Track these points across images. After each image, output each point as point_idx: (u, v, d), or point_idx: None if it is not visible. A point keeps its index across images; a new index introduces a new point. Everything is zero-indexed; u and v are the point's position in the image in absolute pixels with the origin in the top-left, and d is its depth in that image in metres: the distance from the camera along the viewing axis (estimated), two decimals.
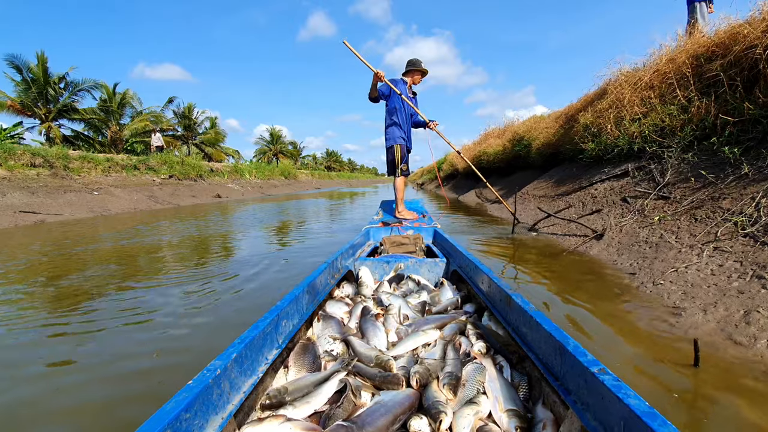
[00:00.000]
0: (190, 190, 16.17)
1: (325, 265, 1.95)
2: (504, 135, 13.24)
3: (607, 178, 4.91)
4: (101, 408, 1.45)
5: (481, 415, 1.07)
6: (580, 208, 4.79)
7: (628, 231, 3.45)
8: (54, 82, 22.39)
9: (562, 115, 8.48)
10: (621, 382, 0.82)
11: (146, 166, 15.69)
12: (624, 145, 4.90)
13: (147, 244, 5.31)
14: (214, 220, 8.58)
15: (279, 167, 30.94)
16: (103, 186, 12.90)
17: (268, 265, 3.70)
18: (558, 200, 5.66)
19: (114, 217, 10.50)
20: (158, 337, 2.06)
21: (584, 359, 0.93)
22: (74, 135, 25.28)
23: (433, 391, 1.15)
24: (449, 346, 1.45)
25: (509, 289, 1.49)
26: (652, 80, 5.25)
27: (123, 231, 6.91)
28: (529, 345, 1.25)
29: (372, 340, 1.53)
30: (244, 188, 20.80)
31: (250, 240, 5.54)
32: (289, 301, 1.41)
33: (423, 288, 2.26)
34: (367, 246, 3.27)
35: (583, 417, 0.89)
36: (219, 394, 0.95)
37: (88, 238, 6.02)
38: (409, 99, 4.10)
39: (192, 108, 32.93)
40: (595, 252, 3.42)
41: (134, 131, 27.00)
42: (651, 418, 0.69)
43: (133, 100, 28.29)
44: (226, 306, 2.56)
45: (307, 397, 1.12)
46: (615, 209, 4.13)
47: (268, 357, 1.24)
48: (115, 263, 4.11)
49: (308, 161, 61.04)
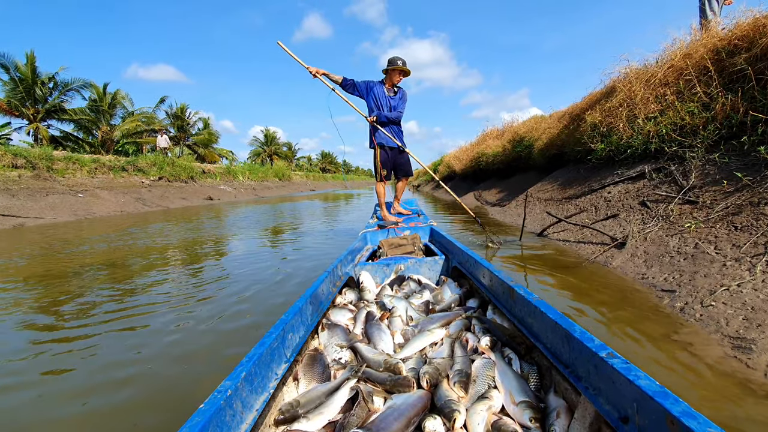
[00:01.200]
0: (181, 192, 15.72)
1: (325, 274, 1.90)
2: (503, 136, 12.95)
3: (620, 180, 4.58)
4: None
5: (494, 409, 1.07)
6: (593, 213, 4.46)
7: (654, 239, 3.11)
8: (43, 81, 21.85)
9: (566, 114, 8.17)
10: (630, 364, 0.83)
11: (135, 167, 15.21)
12: (639, 145, 4.57)
13: (128, 249, 4.91)
14: (203, 224, 8.17)
15: (273, 169, 30.49)
16: (88, 188, 12.43)
17: (266, 278, 3.33)
18: (567, 204, 5.33)
19: (99, 220, 10.05)
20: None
21: (592, 345, 0.93)
22: (63, 136, 24.68)
23: (444, 390, 1.15)
24: (456, 343, 1.45)
25: (511, 281, 1.49)
26: (666, 76, 4.94)
27: (103, 236, 6.48)
28: (536, 335, 1.26)
29: (379, 344, 1.52)
30: (237, 190, 20.35)
31: (243, 245, 5.17)
32: (293, 314, 1.38)
33: (425, 287, 2.25)
34: (365, 250, 3.17)
35: (596, 401, 0.90)
36: (232, 414, 0.92)
37: (67, 242, 5.60)
38: (388, 99, 4.00)
39: (185, 108, 32.42)
40: (617, 263, 3.07)
41: (125, 132, 26.47)
42: (663, 397, 0.70)
43: (124, 101, 27.79)
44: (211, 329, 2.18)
45: (319, 408, 1.12)
46: (633, 214, 3.79)
47: (278, 372, 1.21)
48: (92, 273, 3.71)
49: (303, 163, 60.52)
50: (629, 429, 0.80)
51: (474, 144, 16.56)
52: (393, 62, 3.93)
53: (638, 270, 2.82)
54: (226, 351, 1.93)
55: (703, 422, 0.63)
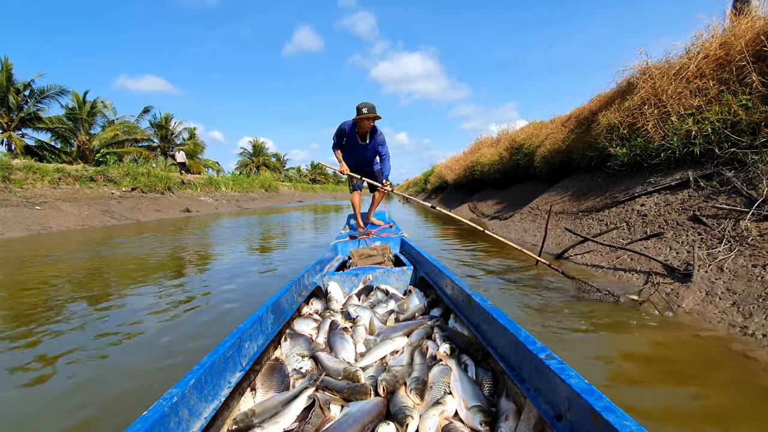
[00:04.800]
0: (155, 204, 14.63)
1: (291, 283, 1.87)
2: (499, 144, 12.21)
3: (655, 189, 3.77)
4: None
5: (447, 414, 1.09)
6: (625, 230, 3.61)
7: (735, 270, 2.27)
8: (18, 89, 20.77)
9: (572, 118, 7.43)
10: (565, 364, 0.86)
11: (105, 177, 14.11)
12: (677, 146, 3.77)
13: (62, 271, 3.92)
14: (165, 240, 7.16)
15: (259, 179, 29.44)
16: (48, 200, 11.32)
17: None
18: (586, 218, 4.49)
19: (55, 235, 8.99)
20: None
21: (533, 347, 0.97)
22: (39, 145, 23.47)
23: (400, 397, 1.16)
24: (416, 351, 1.46)
25: (470, 290, 1.52)
26: (701, 68, 4.19)
27: (49, 255, 5.46)
28: (490, 341, 1.28)
29: (340, 353, 1.51)
30: (218, 201, 19.29)
31: (210, 262, 4.21)
32: (252, 323, 1.35)
33: (391, 297, 2.25)
34: (335, 261, 3.14)
35: (536, 401, 0.93)
36: (177, 422, 0.90)
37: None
38: (361, 147, 3.86)
39: (169, 118, 31.44)
40: (689, 305, 2.22)
41: (105, 141, 25.38)
42: (589, 394, 0.74)
43: (106, 109, 26.77)
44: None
45: (275, 418, 1.10)
46: (685, 233, 2.96)
47: (231, 380, 1.17)
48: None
49: (292, 174, 59.47)
50: (563, 426, 0.83)
51: (467, 153, 15.80)
52: (359, 110, 3.65)
53: (728, 317, 1.96)
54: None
55: (620, 415, 0.67)
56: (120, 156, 26.37)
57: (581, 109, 7.21)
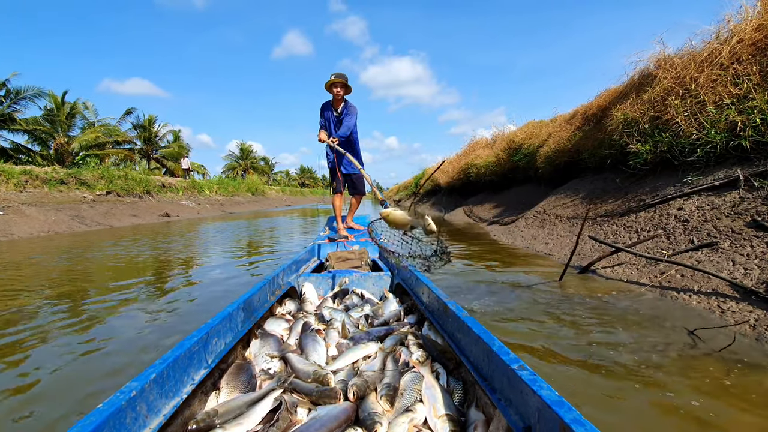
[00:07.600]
0: (132, 209, 13.77)
1: (264, 282, 1.81)
2: (495, 145, 11.72)
3: (693, 191, 3.23)
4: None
5: (416, 422, 1.06)
6: (663, 238, 3.06)
7: None
8: None
9: (578, 114, 6.93)
10: (537, 376, 0.83)
11: (77, 180, 13.23)
12: (718, 141, 3.25)
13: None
14: (136, 245, 6.43)
15: (245, 183, 28.61)
16: (12, 204, 10.46)
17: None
18: (608, 224, 3.94)
19: (17, 242, 8.18)
20: None
21: (507, 358, 0.94)
22: (14, 147, 22.36)
23: (370, 403, 1.13)
24: (389, 357, 1.42)
25: (446, 298, 1.48)
26: (735, 53, 3.69)
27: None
28: (463, 350, 1.25)
29: (311, 355, 1.46)
30: (201, 206, 18.44)
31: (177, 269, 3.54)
32: (220, 319, 1.28)
33: (366, 301, 2.23)
34: (312, 262, 3.11)
35: (506, 412, 0.90)
36: (134, 417, 0.84)
37: None
38: (335, 118, 3.81)
39: (153, 120, 30.47)
40: None
41: (84, 144, 24.33)
42: (559, 406, 0.71)
43: (88, 111, 25.74)
44: None
45: (238, 419, 1.05)
46: (747, 242, 2.42)
47: (195, 377, 1.11)
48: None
49: (281, 177, 58.48)
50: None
51: (461, 155, 15.28)
52: (331, 77, 3.66)
53: None
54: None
55: (589, 428, 0.64)
56: (101, 158, 25.34)
57: (589, 104, 6.72)
